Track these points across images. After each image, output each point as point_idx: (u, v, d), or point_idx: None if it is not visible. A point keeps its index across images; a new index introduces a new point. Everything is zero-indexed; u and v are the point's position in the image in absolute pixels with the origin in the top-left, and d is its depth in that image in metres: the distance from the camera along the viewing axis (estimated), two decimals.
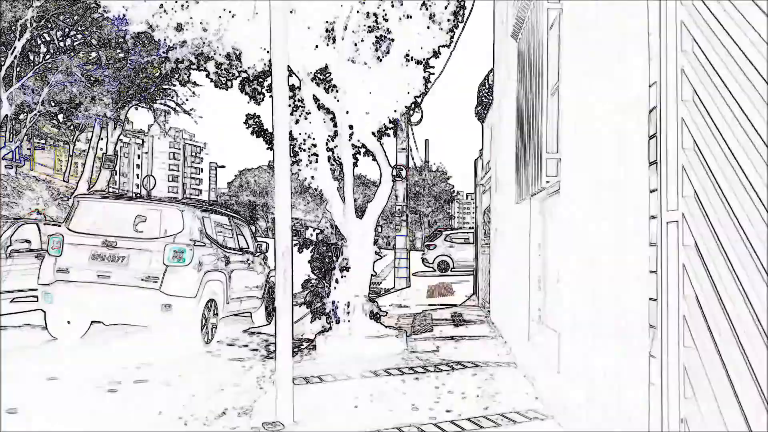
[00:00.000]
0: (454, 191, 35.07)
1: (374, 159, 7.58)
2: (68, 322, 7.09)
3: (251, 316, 9.27)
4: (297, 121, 8.06)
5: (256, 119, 8.13)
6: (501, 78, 8.45)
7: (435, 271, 19.71)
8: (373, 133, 7.83)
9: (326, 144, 7.92)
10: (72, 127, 20.15)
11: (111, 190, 21.00)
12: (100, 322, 7.44)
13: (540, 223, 5.84)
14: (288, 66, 7.89)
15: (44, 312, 7.09)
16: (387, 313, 7.33)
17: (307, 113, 7.92)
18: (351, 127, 7.73)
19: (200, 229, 7.36)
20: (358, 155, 7.91)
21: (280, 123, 4.72)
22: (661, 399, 2.47)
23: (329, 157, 7.90)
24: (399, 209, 15.49)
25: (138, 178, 70.33)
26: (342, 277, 7.07)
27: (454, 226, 47.45)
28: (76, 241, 6.89)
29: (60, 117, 18.25)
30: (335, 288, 7.01)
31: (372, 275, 7.28)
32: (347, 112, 7.40)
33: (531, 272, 5.95)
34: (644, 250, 2.72)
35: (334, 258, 7.12)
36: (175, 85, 18.39)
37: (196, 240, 7.21)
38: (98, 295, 6.77)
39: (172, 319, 6.83)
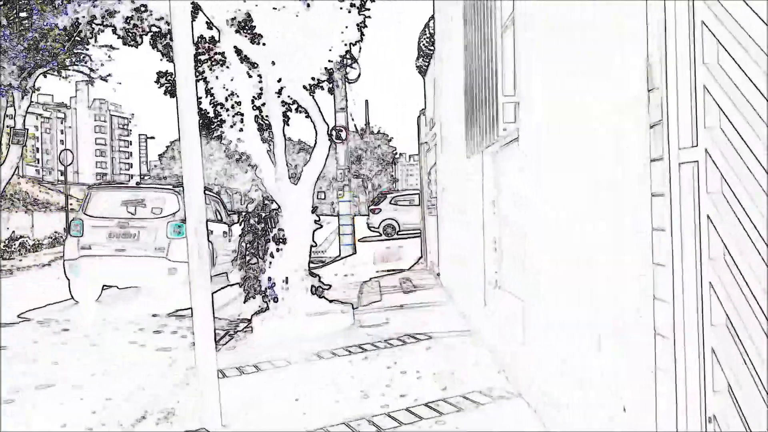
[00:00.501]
0: (396, 153, 34.43)
1: (308, 116, 6.77)
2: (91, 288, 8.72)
3: (227, 276, 10.16)
4: (217, 77, 7.11)
5: (169, 77, 7.13)
6: (443, 21, 7.73)
7: (381, 235, 19.17)
8: (305, 87, 6.99)
9: (252, 102, 7.04)
10: None
11: (40, 170, 19.14)
12: (114, 286, 9.26)
13: (493, 179, 5.26)
14: (205, 15, 6.93)
15: (69, 280, 8.61)
16: (330, 286, 6.68)
17: (228, 67, 6.99)
18: (280, 81, 6.88)
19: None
20: (289, 113, 7.08)
21: (183, 78, 3.85)
22: (676, 392, 1.92)
23: (256, 117, 7.03)
24: (341, 173, 14.72)
25: (71, 156, 66.00)
26: (278, 250, 6.32)
27: (398, 188, 47.02)
28: (94, 224, 8.46)
29: None
30: (270, 263, 6.27)
31: (312, 246, 6.57)
32: (273, 63, 6.53)
33: (486, 233, 5.39)
34: (640, 197, 2.13)
35: (268, 230, 6.35)
36: (87, 49, 16.63)
37: None
38: (117, 265, 8.29)
39: (177, 280, 8.27)
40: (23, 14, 15.12)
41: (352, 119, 19.62)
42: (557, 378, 3.28)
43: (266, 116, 6.75)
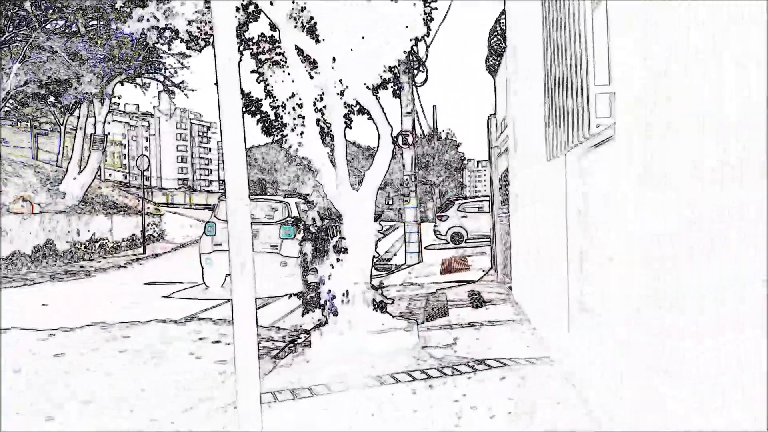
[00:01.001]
0: (464, 159, 33.48)
1: (370, 118, 6.27)
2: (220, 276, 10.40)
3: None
4: (276, 79, 6.74)
5: None
6: (515, 12, 7.02)
7: (448, 243, 18.46)
8: (368, 88, 6.51)
9: (314, 105, 6.63)
10: (62, 109, 18.91)
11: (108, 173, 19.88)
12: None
13: (579, 186, 4.53)
14: (262, 11, 6.59)
15: (202, 269, 10.49)
16: (393, 300, 6.12)
17: (288, 67, 6.60)
18: (342, 82, 6.43)
19: (296, 215, 10.66)
20: (351, 114, 6.61)
21: (225, 76, 3.42)
22: None
23: (318, 120, 6.61)
24: (407, 179, 14.19)
25: (147, 161, 69.47)
26: (338, 260, 5.84)
27: (466, 195, 45.92)
28: (223, 226, 10.00)
29: (51, 98, 17.05)
30: (330, 275, 5.79)
31: (374, 256, 6.04)
32: (334, 60, 6.08)
33: (570, 246, 4.67)
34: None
35: (329, 239, 5.88)
36: (161, 57, 17.00)
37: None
38: None
39: (287, 271, 10.08)
40: (97, 22, 15.59)
41: (419, 124, 19.08)
42: None
43: (327, 119, 6.31)
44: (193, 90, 17.56)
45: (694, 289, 2.37)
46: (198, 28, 6.81)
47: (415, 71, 14.14)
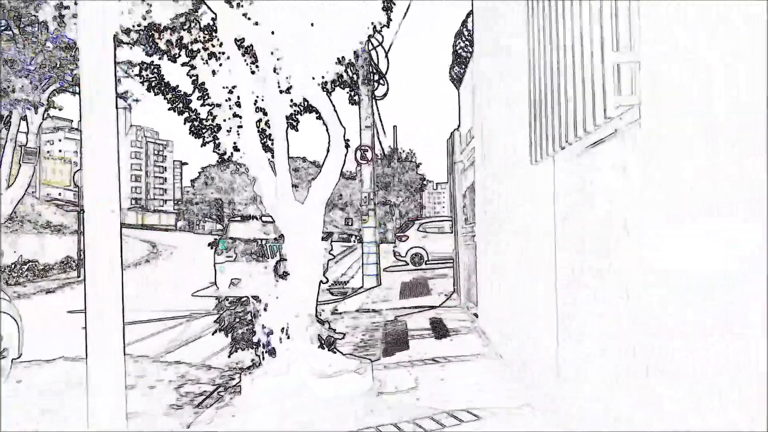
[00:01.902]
0: (425, 179, 32.77)
1: (319, 117, 5.25)
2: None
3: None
4: (214, 72, 5.66)
5: (154, 69, 5.71)
6: (488, 6, 6.17)
7: (408, 264, 17.48)
8: (318, 84, 5.51)
9: (255, 103, 5.57)
10: None
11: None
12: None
13: (573, 193, 3.60)
14: None
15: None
16: (344, 335, 5.04)
17: (228, 59, 5.54)
18: (285, 76, 5.41)
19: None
20: (298, 115, 5.58)
21: (90, 65, 2.38)
22: None
23: (259, 121, 5.55)
24: (365, 197, 13.18)
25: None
26: (276, 287, 4.73)
27: (426, 215, 45.19)
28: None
29: None
30: (266, 305, 4.67)
31: (322, 282, 4.96)
32: (275, 52, 5.06)
33: (558, 266, 3.72)
34: None
35: (266, 261, 4.78)
36: None
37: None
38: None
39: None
40: (31, 28, 14.16)
41: (379, 142, 18.18)
42: None
43: (268, 120, 5.25)
44: (137, 101, 16.17)
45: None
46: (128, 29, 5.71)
47: (375, 84, 13.26)
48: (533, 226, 4.20)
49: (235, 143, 5.39)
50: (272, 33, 5.28)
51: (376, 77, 13.25)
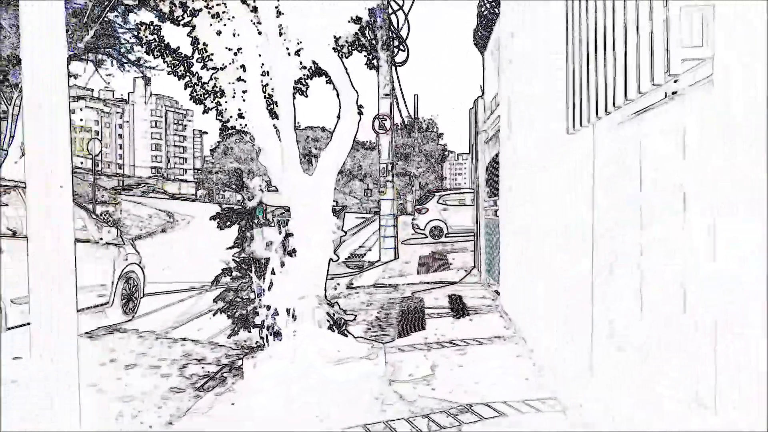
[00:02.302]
0: (446, 150, 32.05)
1: (329, 81, 4.80)
2: None
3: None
4: (219, 33, 5.22)
5: (154, 29, 5.29)
6: None
7: (427, 237, 17.08)
8: (332, 47, 5.05)
9: (261, 66, 5.13)
10: (10, 87, 17.00)
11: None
12: None
13: (614, 168, 3.13)
14: None
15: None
16: (355, 317, 4.68)
17: (230, 20, 5.09)
18: (297, 41, 4.95)
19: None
20: (308, 80, 5.13)
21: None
22: None
23: (265, 86, 5.12)
24: (384, 168, 12.73)
25: (120, 148, 66.60)
26: (282, 265, 4.37)
27: (447, 187, 44.51)
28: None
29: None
30: (271, 284, 4.32)
31: (332, 260, 4.58)
32: (281, 8, 4.59)
33: (595, 252, 3.27)
34: None
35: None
36: (118, 31, 15.20)
37: None
38: None
39: None
40: None
41: (399, 111, 17.61)
42: None
43: (272, 83, 4.81)
44: (152, 68, 15.78)
45: None
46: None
47: (395, 49, 12.66)
48: (566, 204, 3.74)
49: (240, 110, 4.99)
50: None
51: (396, 42, 12.64)
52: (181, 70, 5.33)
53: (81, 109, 60.63)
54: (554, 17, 3.94)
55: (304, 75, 5.12)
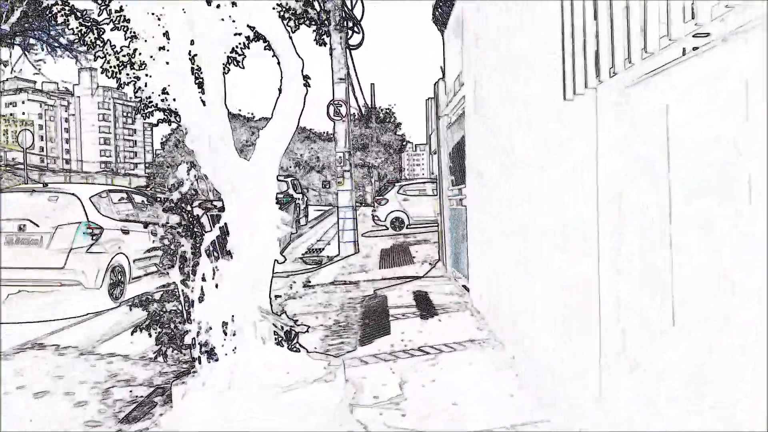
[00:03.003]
0: (404, 141, 31.31)
1: (268, 47, 3.97)
2: None
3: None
4: None
5: None
6: None
7: (387, 229, 16.39)
8: (279, 15, 4.22)
9: (189, 34, 4.25)
10: None
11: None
12: None
13: (622, 146, 2.45)
14: None
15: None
16: (308, 328, 3.90)
17: None
18: (235, 4, 4.11)
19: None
20: (245, 49, 4.29)
21: None
22: None
23: (194, 57, 4.25)
24: (340, 157, 11.91)
25: (67, 143, 63.08)
26: (215, 270, 3.55)
27: (405, 177, 43.85)
28: None
29: None
30: (202, 294, 3.50)
31: (278, 261, 3.79)
32: None
33: (602, 251, 2.61)
34: None
35: (198, 237, 3.57)
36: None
37: None
38: None
39: None
40: None
41: (356, 98, 16.77)
42: None
43: (199, 51, 3.95)
44: (85, 52, 14.40)
45: None
46: None
47: (349, 31, 11.82)
48: (563, 187, 3.06)
49: (165, 86, 4.12)
50: None
51: (350, 24, 11.81)
52: (90, 38, 4.40)
53: (23, 102, 57.07)
54: None
55: (239, 43, 4.28)
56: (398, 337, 5.34)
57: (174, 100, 4.03)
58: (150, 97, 4.15)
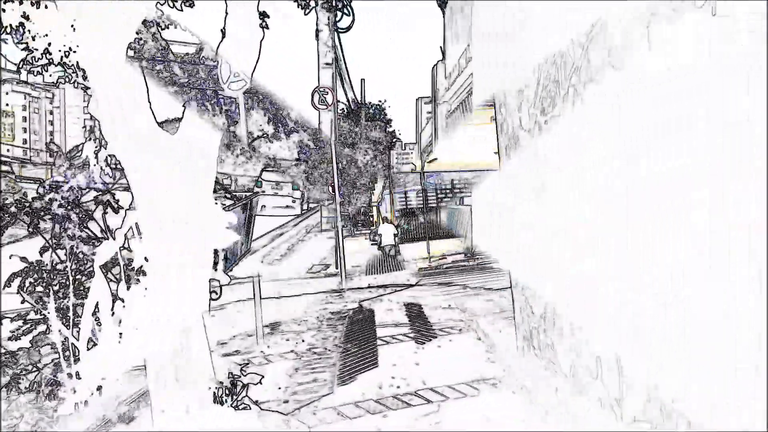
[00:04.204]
0: (395, 137, 29.95)
1: None
2: None
3: None
4: None
5: None
6: None
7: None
8: None
9: None
10: None
11: None
12: None
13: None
14: None
15: None
16: (261, 378, 2.67)
17: None
18: None
19: None
20: None
21: None
22: None
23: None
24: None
25: (51, 136, 61.06)
26: (118, 301, 2.29)
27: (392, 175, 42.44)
28: None
29: None
30: (94, 338, 2.25)
31: (221, 284, 2.54)
32: None
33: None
34: None
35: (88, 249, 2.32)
36: None
37: None
38: None
39: None
40: None
41: (344, 91, 15.55)
42: None
43: None
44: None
45: None
46: None
47: (338, 12, 10.57)
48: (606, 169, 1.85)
49: (68, 44, 2.88)
50: None
51: (339, 4, 10.56)
52: None
53: (6, 93, 55.11)
54: None
55: None
56: (388, 372, 4.13)
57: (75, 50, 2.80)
58: (46, 53, 2.91)
